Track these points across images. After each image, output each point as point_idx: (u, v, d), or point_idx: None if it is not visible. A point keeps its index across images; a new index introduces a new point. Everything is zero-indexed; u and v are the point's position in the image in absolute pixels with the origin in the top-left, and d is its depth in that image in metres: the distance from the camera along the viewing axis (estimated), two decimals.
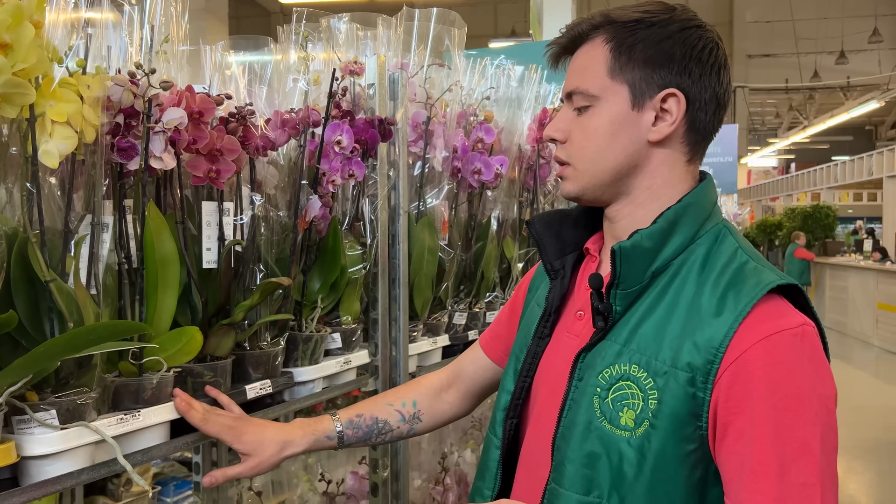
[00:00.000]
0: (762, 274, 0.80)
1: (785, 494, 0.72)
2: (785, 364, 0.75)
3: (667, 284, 0.82)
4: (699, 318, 0.78)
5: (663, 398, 0.77)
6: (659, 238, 0.82)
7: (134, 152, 0.93)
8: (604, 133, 0.85)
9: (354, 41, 1.48)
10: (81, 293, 0.87)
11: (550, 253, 0.94)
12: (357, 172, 1.30)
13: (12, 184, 0.87)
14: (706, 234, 0.84)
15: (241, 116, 1.10)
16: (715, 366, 0.76)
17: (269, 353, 1.15)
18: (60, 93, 0.84)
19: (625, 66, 0.84)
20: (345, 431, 1.06)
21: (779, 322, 0.76)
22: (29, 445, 0.81)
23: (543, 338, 0.93)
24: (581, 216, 0.95)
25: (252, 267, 1.14)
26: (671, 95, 0.83)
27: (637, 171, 0.86)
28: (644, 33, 0.83)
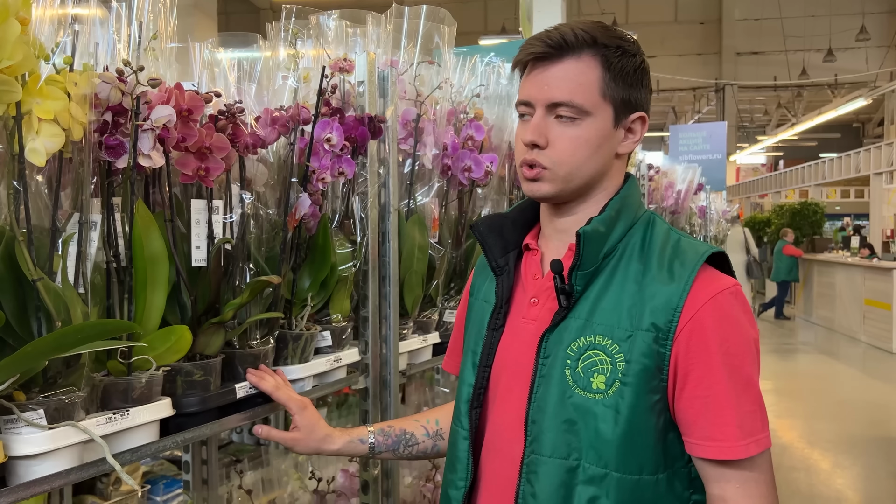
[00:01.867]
0: (697, 246, 0.96)
1: (742, 420, 0.89)
2: (729, 318, 0.90)
3: (615, 265, 0.94)
4: (653, 288, 0.91)
5: (631, 357, 0.89)
6: (609, 224, 0.95)
7: (122, 150, 0.93)
8: (591, 146, 0.94)
9: (344, 38, 1.47)
10: (69, 292, 0.87)
11: (495, 251, 1.03)
12: (347, 170, 1.30)
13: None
14: (639, 222, 0.98)
15: (230, 114, 1.09)
16: (674, 324, 0.89)
17: (258, 351, 1.14)
18: (47, 90, 0.84)
19: (612, 88, 0.94)
20: (376, 438, 1.15)
21: (718, 284, 0.92)
22: (16, 445, 0.81)
23: (497, 329, 1.01)
24: (518, 218, 1.05)
25: (242, 265, 1.14)
26: (640, 118, 0.98)
27: (602, 177, 0.98)
28: (625, 60, 0.94)
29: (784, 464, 4.65)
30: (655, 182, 3.90)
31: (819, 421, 5.71)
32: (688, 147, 8.38)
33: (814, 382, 7.29)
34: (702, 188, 5.49)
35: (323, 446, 1.14)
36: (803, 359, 8.74)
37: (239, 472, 1.65)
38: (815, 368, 8.13)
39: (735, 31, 16.06)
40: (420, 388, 2.19)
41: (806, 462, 4.75)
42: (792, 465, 4.64)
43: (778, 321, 11.28)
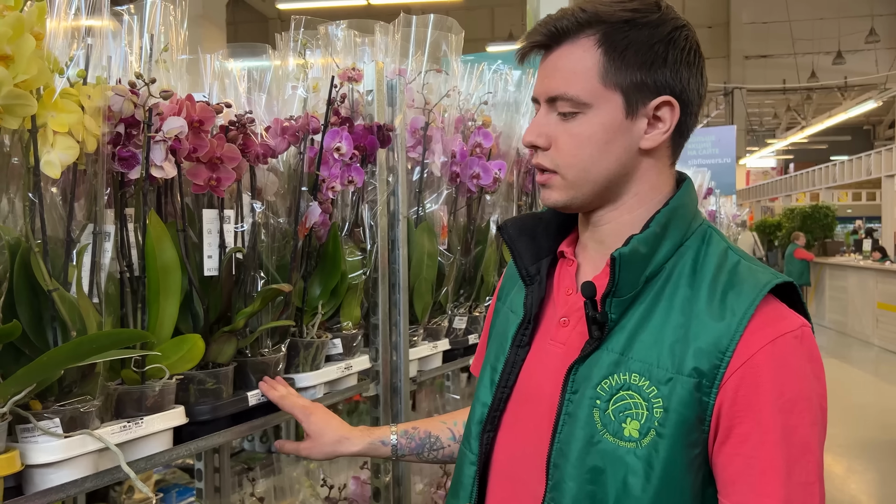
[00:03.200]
0: (758, 274, 0.80)
1: (792, 494, 0.73)
2: (789, 367, 0.75)
3: (660, 289, 0.80)
4: (701, 323, 0.77)
5: (670, 406, 0.76)
6: (653, 243, 0.80)
7: (135, 161, 0.94)
8: (597, 142, 0.81)
9: (352, 48, 1.49)
10: (84, 302, 0.88)
11: (526, 258, 0.90)
12: (356, 178, 1.31)
13: (14, 194, 0.88)
14: (693, 237, 0.83)
15: (241, 124, 1.10)
16: (721, 370, 0.75)
17: (270, 359, 1.15)
18: (62, 103, 0.85)
19: (617, 72, 0.79)
20: (399, 440, 1.08)
21: (781, 325, 0.77)
22: (33, 454, 0.82)
23: (523, 346, 0.89)
24: (553, 220, 0.92)
25: (253, 274, 1.15)
26: (666, 104, 0.80)
27: (627, 178, 0.83)
28: (636, 34, 0.79)
29: None
30: None
31: (832, 426, 5.63)
32: (696, 151, 8.37)
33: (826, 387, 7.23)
34: (711, 192, 5.47)
35: (339, 449, 1.08)
36: None
37: (251, 479, 1.66)
38: (827, 373, 8.03)
39: (743, 34, 16.03)
40: (430, 394, 2.20)
41: None
42: None
43: None
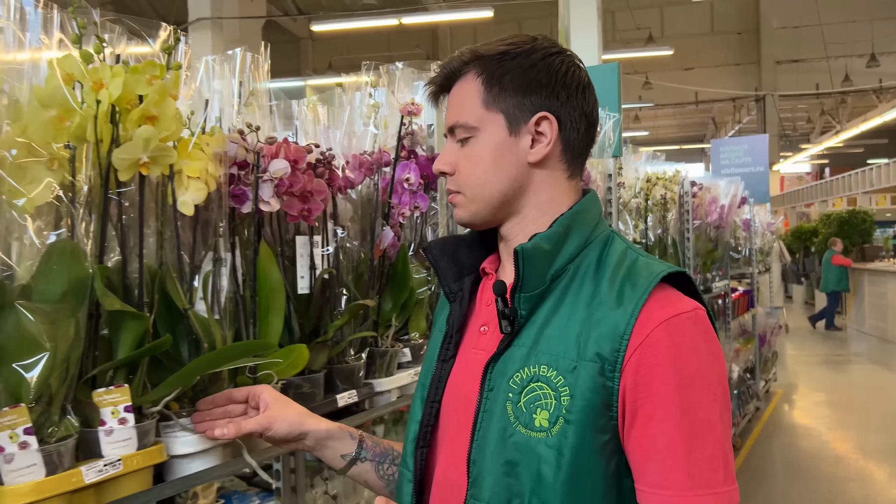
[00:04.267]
0: (653, 266, 0.85)
1: (695, 468, 0.76)
2: (685, 346, 0.79)
3: (566, 287, 0.85)
4: (601, 312, 0.81)
5: (575, 392, 0.79)
6: (556, 241, 0.85)
7: (245, 198, 1.11)
8: (487, 160, 0.88)
9: (409, 84, 1.65)
10: (210, 318, 1.04)
11: (448, 276, 0.95)
12: (421, 204, 1.47)
13: (150, 228, 1.05)
14: (596, 240, 0.88)
15: (326, 161, 1.26)
16: (621, 353, 0.78)
17: (353, 366, 1.31)
18: (193, 152, 1.02)
19: (497, 97, 0.87)
20: (366, 441, 1.03)
21: (674, 307, 0.80)
22: (174, 446, 0.98)
23: (447, 360, 0.92)
24: (475, 240, 0.97)
25: (337, 291, 1.31)
26: (543, 118, 0.87)
27: (523, 191, 0.89)
28: (511, 64, 0.87)
29: (839, 475, 4.63)
30: (699, 198, 3.99)
31: (873, 432, 5.64)
32: (729, 160, 8.40)
33: (867, 394, 7.17)
34: (745, 201, 5.53)
35: (306, 424, 0.99)
36: (856, 370, 8.58)
37: (325, 478, 1.81)
38: (867, 379, 7.99)
39: (773, 39, 15.96)
40: None
41: (861, 473, 4.71)
42: (847, 476, 4.62)
43: (829, 332, 11.09)
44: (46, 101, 0.90)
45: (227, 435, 0.95)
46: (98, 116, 0.92)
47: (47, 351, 0.82)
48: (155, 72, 0.96)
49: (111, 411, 0.91)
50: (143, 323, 0.94)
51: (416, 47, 15.18)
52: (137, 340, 0.95)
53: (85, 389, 0.91)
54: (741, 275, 5.94)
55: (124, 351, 0.94)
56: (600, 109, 1.03)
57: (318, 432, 1.00)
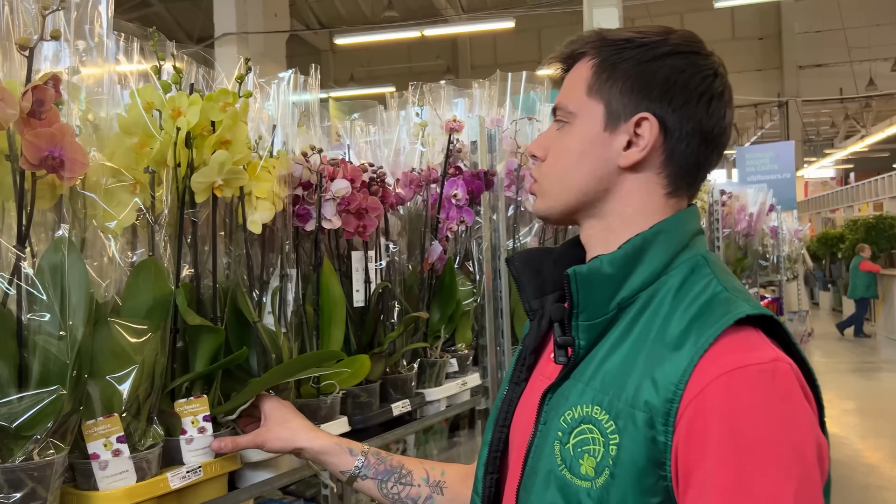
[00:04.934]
0: (732, 304, 0.72)
1: None
2: (747, 404, 0.65)
3: (635, 317, 0.75)
4: (661, 352, 0.71)
5: (623, 442, 0.69)
6: (623, 264, 0.76)
7: (309, 217, 1.16)
8: (574, 152, 0.81)
9: (446, 100, 1.70)
10: (278, 331, 1.09)
11: (529, 292, 0.87)
12: (467, 219, 1.51)
13: (220, 246, 1.11)
14: (681, 265, 0.77)
15: (380, 179, 1.32)
16: (674, 405, 0.67)
17: (406, 376, 1.35)
18: (262, 174, 1.07)
19: (604, 85, 0.80)
20: (369, 458, 0.98)
21: (744, 355, 0.67)
22: (247, 454, 1.03)
23: (519, 383, 0.86)
24: (563, 253, 0.88)
25: (390, 303, 1.35)
26: (644, 120, 0.78)
27: (607, 195, 0.81)
28: (630, 53, 0.79)
29: (872, 483, 4.58)
30: (728, 206, 4.00)
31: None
32: (755, 168, 8.36)
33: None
34: (773, 209, 5.52)
35: (299, 438, 0.97)
36: (886, 377, 8.47)
37: None
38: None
39: (795, 44, 15.85)
40: None
41: (894, 481, 4.66)
42: (881, 485, 4.57)
43: (858, 339, 10.94)
44: (129, 129, 0.96)
45: (224, 448, 0.95)
46: (177, 142, 0.98)
47: (136, 364, 0.88)
48: (228, 99, 1.01)
49: (191, 421, 0.96)
50: (219, 337, 1.00)
51: (436, 58, 15.29)
52: (213, 353, 1.00)
53: (166, 400, 0.97)
54: (769, 282, 5.91)
55: (202, 363, 0.99)
56: None
57: (312, 449, 0.97)
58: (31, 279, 0.81)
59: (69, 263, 0.81)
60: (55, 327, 0.80)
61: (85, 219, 0.87)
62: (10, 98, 0.77)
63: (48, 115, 0.80)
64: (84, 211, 0.87)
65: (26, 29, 0.85)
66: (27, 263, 0.81)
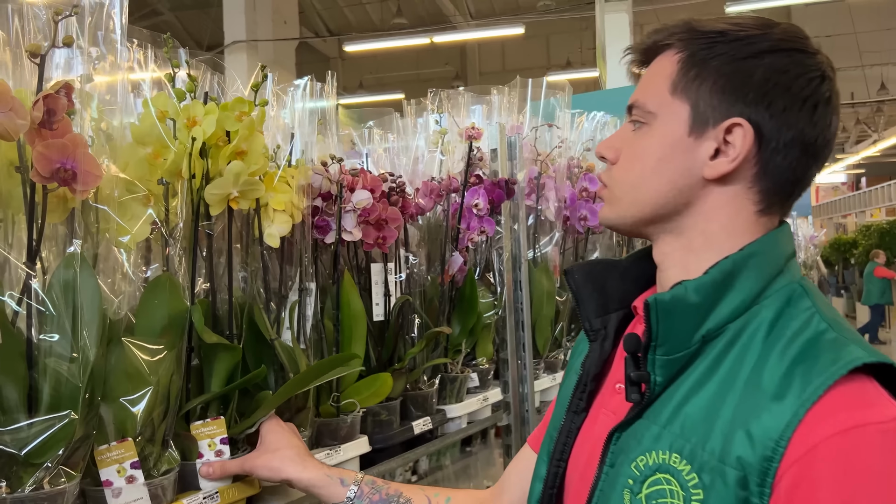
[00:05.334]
0: (844, 348, 0.63)
1: None
2: (867, 472, 0.56)
3: (722, 353, 0.66)
4: (757, 400, 0.62)
5: (709, 500, 0.61)
6: (710, 292, 0.66)
7: (328, 228, 1.12)
8: (651, 157, 0.72)
9: (466, 107, 1.66)
10: (296, 348, 1.05)
11: (590, 309, 0.78)
12: (488, 229, 1.47)
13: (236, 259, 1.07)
14: (776, 293, 0.68)
15: (400, 189, 1.27)
16: (773, 465, 0.59)
17: (427, 393, 1.31)
18: (279, 185, 1.03)
19: (691, 84, 0.70)
20: (362, 487, 0.91)
21: (863, 413, 0.58)
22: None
23: (579, 412, 0.77)
24: (631, 268, 0.80)
25: (410, 317, 1.31)
26: (736, 126, 0.68)
27: (688, 209, 0.71)
28: (723, 48, 0.69)
29: None
30: None
31: None
32: None
33: None
34: None
35: (287, 469, 0.90)
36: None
37: None
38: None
39: None
40: None
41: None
42: None
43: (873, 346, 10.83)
44: (143, 139, 0.93)
45: (213, 475, 0.90)
46: (191, 153, 0.94)
47: (151, 385, 0.84)
48: (244, 108, 0.97)
49: (208, 444, 0.92)
50: (236, 355, 0.96)
51: (445, 65, 15.29)
52: (230, 372, 0.96)
53: (180, 422, 0.93)
54: None
55: (218, 383, 0.95)
56: None
57: (300, 481, 0.91)
58: (41, 297, 0.77)
59: (81, 280, 0.77)
60: (67, 348, 0.76)
61: (97, 233, 0.83)
62: (20, 108, 0.73)
63: (60, 125, 0.77)
64: (97, 225, 0.83)
65: (37, 36, 0.82)
66: (37, 280, 0.77)
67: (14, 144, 0.76)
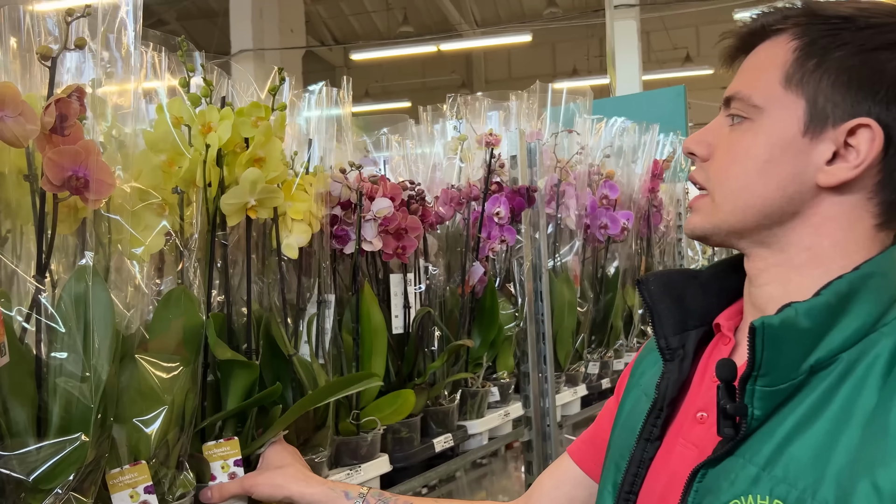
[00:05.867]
0: None
1: None
2: None
3: (833, 386, 0.58)
4: (883, 446, 0.53)
5: None
6: (823, 317, 0.58)
7: (348, 238, 1.07)
8: (756, 157, 0.63)
9: (483, 114, 1.62)
10: (315, 363, 1.00)
11: (667, 325, 0.70)
12: (509, 238, 1.42)
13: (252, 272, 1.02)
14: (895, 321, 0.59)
15: (420, 198, 1.23)
16: None
17: (448, 408, 1.26)
18: (297, 193, 0.99)
19: (809, 76, 0.62)
20: (368, 499, 0.88)
21: None
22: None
23: (652, 441, 0.69)
24: (713, 280, 0.72)
25: (430, 330, 1.26)
26: (862, 127, 0.60)
27: (795, 220, 0.63)
28: (850, 36, 0.61)
29: None
30: None
31: None
32: None
33: None
34: None
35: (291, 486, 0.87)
36: None
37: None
38: None
39: None
40: None
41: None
42: None
43: None
44: (157, 146, 0.89)
45: (212, 499, 0.86)
46: (206, 160, 0.90)
47: (165, 405, 0.79)
48: (260, 113, 0.94)
49: (221, 465, 0.87)
50: (253, 371, 0.91)
51: (451, 73, 15.29)
52: (247, 389, 0.91)
53: (194, 442, 0.88)
54: None
55: (234, 400, 0.91)
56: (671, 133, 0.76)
57: (304, 496, 0.87)
58: (51, 312, 0.73)
59: (94, 294, 0.73)
60: (78, 366, 0.72)
61: (110, 245, 0.79)
62: (30, 112, 0.69)
63: (72, 130, 0.73)
64: (109, 236, 0.79)
65: (47, 39, 0.78)
66: (47, 295, 0.73)
67: (23, 151, 0.72)
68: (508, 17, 12.77)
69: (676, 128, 2.31)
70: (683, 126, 2.65)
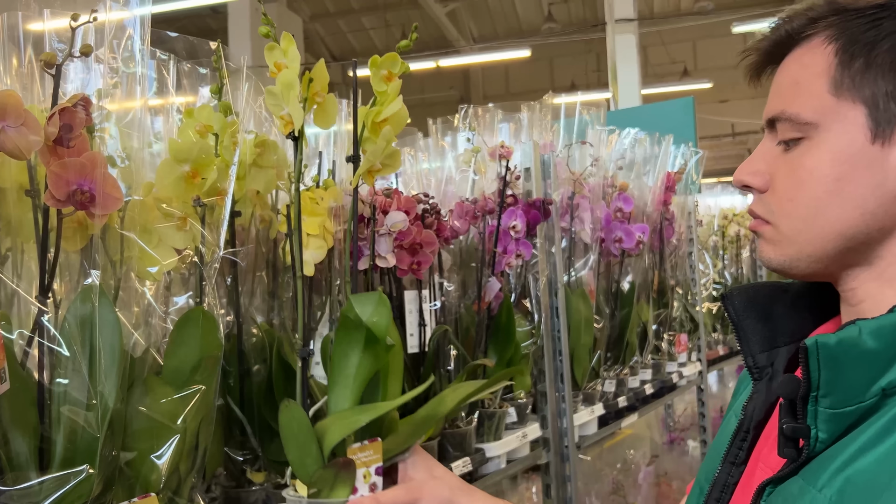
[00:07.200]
0: None
1: None
2: None
3: None
4: None
5: None
6: (892, 336, 0.54)
7: (361, 254, 1.03)
8: (824, 179, 0.58)
9: (497, 126, 1.58)
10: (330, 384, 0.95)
11: (753, 343, 0.66)
12: (524, 252, 1.38)
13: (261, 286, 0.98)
14: None
15: (435, 211, 1.19)
16: None
17: (464, 431, 1.21)
18: (312, 208, 0.95)
19: (861, 77, 0.57)
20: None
21: None
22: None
23: (738, 465, 0.66)
24: (804, 293, 0.68)
25: (446, 348, 1.22)
26: None
27: (883, 235, 0.58)
28: (893, 24, 0.57)
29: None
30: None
31: None
32: None
33: None
34: None
35: (456, 496, 0.80)
36: None
37: None
38: None
39: None
40: None
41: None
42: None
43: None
44: (182, 155, 0.84)
45: None
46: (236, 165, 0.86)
47: (178, 433, 0.74)
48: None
49: (364, 474, 0.82)
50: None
51: (449, 88, 15.33)
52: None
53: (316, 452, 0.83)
54: None
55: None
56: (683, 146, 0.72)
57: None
58: (54, 335, 0.68)
59: (100, 316, 0.68)
60: (83, 394, 0.67)
61: (121, 263, 0.74)
62: (33, 123, 0.65)
63: (77, 142, 0.68)
64: (121, 255, 0.74)
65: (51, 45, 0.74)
66: (50, 317, 0.69)
67: (24, 166, 0.68)
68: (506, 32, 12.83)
69: (685, 139, 2.28)
70: (693, 137, 2.62)
